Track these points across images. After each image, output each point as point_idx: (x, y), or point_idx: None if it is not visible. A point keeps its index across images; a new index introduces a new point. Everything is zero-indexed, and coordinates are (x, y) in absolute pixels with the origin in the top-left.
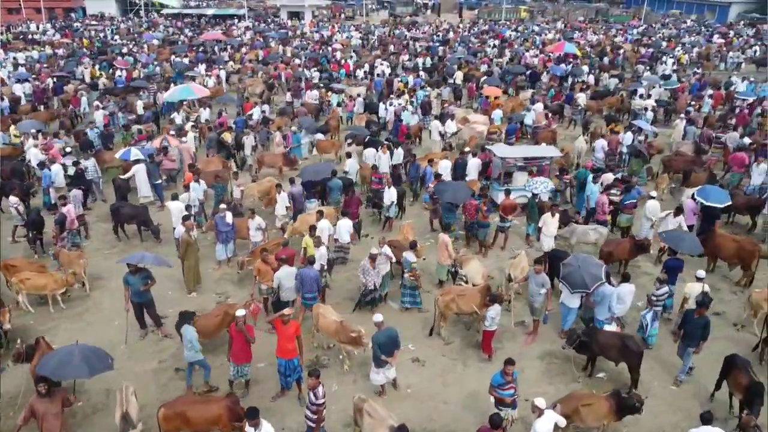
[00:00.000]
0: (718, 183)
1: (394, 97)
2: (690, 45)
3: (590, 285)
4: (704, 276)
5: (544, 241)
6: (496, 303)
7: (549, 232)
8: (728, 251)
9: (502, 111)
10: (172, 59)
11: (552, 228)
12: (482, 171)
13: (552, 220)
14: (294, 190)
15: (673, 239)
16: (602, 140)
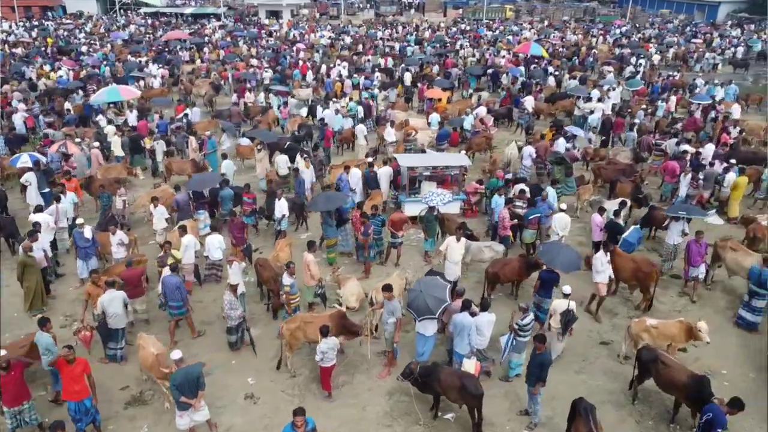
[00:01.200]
0: (643, 195)
1: (331, 100)
2: (667, 45)
3: (435, 310)
4: (570, 292)
5: (449, 269)
6: (329, 336)
7: (453, 259)
8: (625, 272)
9: (450, 114)
10: (128, 58)
11: (456, 254)
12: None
13: (456, 246)
14: (179, 197)
15: (547, 254)
16: (529, 147)
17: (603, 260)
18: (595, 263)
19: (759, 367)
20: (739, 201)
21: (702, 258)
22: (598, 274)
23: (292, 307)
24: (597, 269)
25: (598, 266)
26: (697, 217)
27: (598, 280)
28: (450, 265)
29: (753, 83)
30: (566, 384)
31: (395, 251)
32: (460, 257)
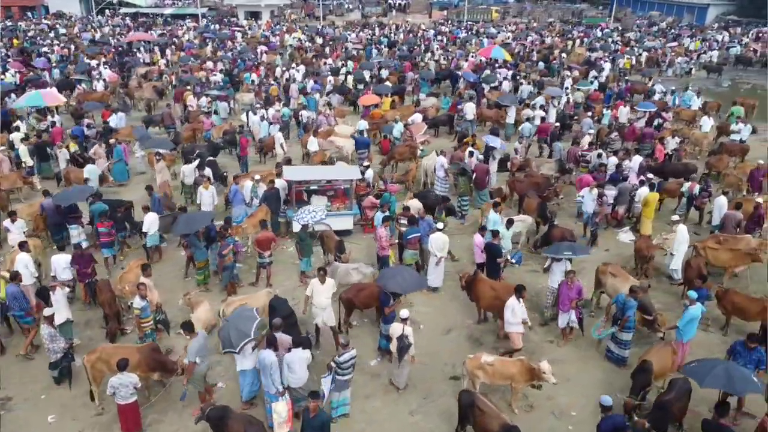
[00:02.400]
0: (549, 210)
1: (259, 106)
2: (643, 49)
3: (236, 344)
4: (407, 316)
5: (316, 315)
6: (123, 370)
7: (319, 304)
8: (485, 300)
9: (389, 120)
10: (82, 60)
11: (322, 299)
12: None
13: (322, 289)
14: (45, 203)
15: (384, 278)
16: (441, 157)
17: (516, 307)
18: (506, 312)
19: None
20: (650, 218)
21: (570, 303)
22: (511, 325)
23: (144, 331)
24: (509, 319)
25: (509, 316)
26: (580, 257)
27: (512, 330)
28: (317, 311)
29: (729, 88)
30: (395, 426)
31: (265, 271)
32: (327, 301)
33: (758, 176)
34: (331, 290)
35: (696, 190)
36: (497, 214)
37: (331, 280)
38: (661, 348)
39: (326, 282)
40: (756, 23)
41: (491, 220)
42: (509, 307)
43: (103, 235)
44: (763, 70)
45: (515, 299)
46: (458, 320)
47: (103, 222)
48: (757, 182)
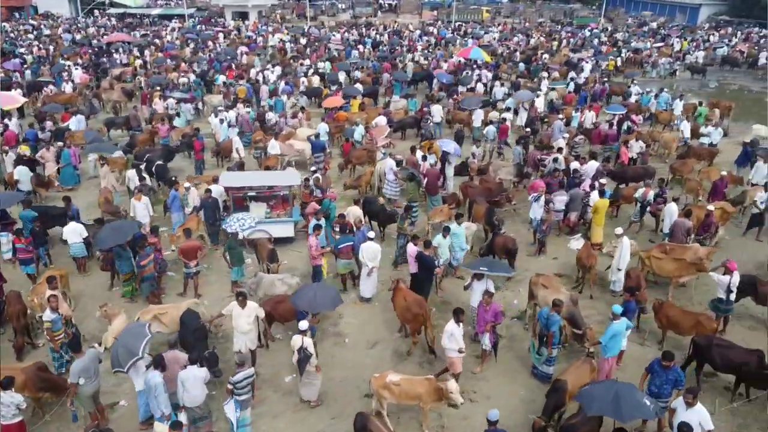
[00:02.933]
0: (496, 217)
1: (221, 108)
2: (628, 50)
3: (124, 363)
4: (306, 328)
5: (237, 340)
6: (6, 389)
7: (240, 328)
8: (397, 310)
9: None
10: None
11: (243, 323)
12: None
13: (243, 313)
14: None
15: (296, 295)
16: (390, 160)
17: (455, 332)
18: (444, 337)
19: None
20: (601, 225)
21: (485, 325)
22: (450, 350)
23: (58, 344)
24: (446, 343)
25: (447, 341)
26: (500, 274)
27: (452, 355)
28: (238, 335)
29: (715, 90)
30: None
31: (192, 282)
32: (249, 326)
33: (722, 187)
34: (252, 314)
35: (650, 196)
36: (460, 227)
37: (253, 304)
38: (579, 366)
39: (247, 306)
40: (747, 23)
41: (453, 233)
42: (447, 332)
43: (20, 252)
44: (749, 71)
45: (454, 323)
46: (386, 333)
47: (20, 238)
48: (721, 194)
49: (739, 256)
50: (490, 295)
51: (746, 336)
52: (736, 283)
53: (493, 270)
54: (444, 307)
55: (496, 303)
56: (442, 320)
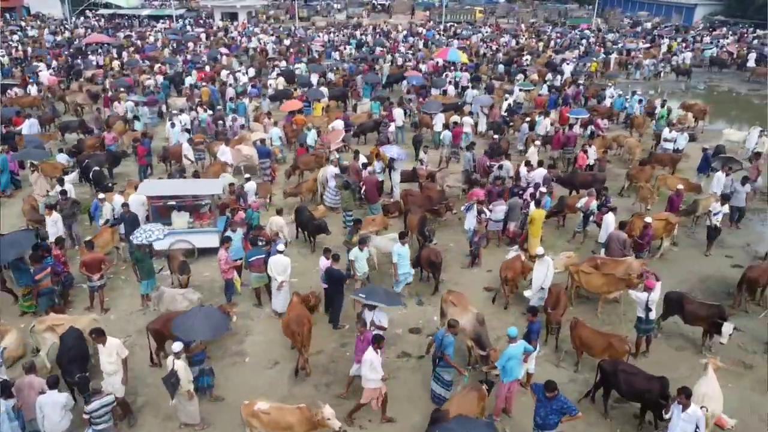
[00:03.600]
0: (428, 228)
1: (176, 111)
2: (616, 51)
3: None
4: (179, 350)
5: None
6: None
7: (104, 369)
8: (284, 330)
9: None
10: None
11: (106, 363)
12: None
13: (104, 350)
14: None
15: (180, 325)
16: (331, 167)
17: (374, 361)
18: (364, 367)
19: None
20: (537, 237)
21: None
22: (369, 380)
23: None
24: (366, 373)
25: (367, 371)
26: (390, 306)
27: (369, 385)
28: (105, 378)
29: (698, 92)
30: None
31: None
32: (113, 367)
33: (677, 202)
34: (113, 352)
35: (593, 205)
36: (403, 247)
37: (115, 341)
38: (465, 394)
39: (108, 343)
40: (743, 24)
41: (395, 252)
42: (366, 362)
43: None
44: (738, 73)
45: (372, 351)
46: (291, 352)
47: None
48: (676, 209)
49: (685, 269)
50: (363, 324)
51: (672, 357)
52: (655, 301)
53: (374, 299)
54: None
55: (369, 332)
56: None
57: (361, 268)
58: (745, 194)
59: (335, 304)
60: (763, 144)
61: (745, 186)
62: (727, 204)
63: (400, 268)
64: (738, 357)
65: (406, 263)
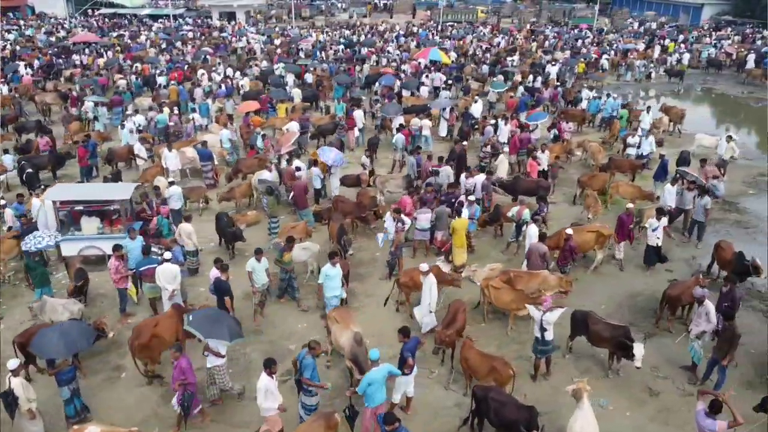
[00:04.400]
0: (345, 238)
1: (132, 112)
2: (613, 52)
3: None
4: (15, 366)
5: None
6: None
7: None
8: None
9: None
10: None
11: None
12: None
13: None
14: None
15: (38, 337)
16: (265, 172)
17: (270, 386)
18: (259, 395)
19: None
20: (462, 247)
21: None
22: (266, 410)
23: None
24: (261, 402)
25: (261, 400)
26: (219, 340)
27: (269, 414)
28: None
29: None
30: None
31: None
32: None
33: (627, 222)
34: None
35: (525, 214)
36: (334, 268)
37: None
38: (312, 422)
39: None
40: (750, 24)
41: (323, 273)
42: (261, 390)
43: None
44: (734, 75)
45: (266, 377)
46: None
47: None
48: (626, 229)
49: (617, 283)
50: (178, 349)
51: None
52: (551, 321)
53: (203, 331)
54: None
55: (184, 358)
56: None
57: (259, 280)
58: (703, 208)
59: None
60: (731, 150)
61: (703, 199)
62: (665, 218)
63: (326, 290)
64: (646, 381)
65: (334, 285)
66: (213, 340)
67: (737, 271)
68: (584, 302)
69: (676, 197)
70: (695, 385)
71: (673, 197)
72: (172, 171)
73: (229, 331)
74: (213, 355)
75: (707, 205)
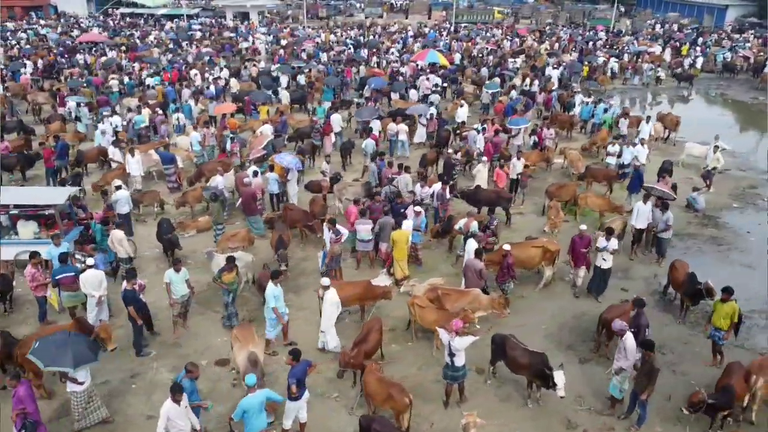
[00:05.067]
0: (280, 252)
1: (108, 113)
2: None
3: None
4: None
5: None
6: None
7: None
8: None
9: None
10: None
11: None
12: None
13: None
14: None
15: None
16: (219, 177)
17: (170, 411)
18: (160, 424)
19: None
20: (402, 259)
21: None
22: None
23: None
24: (160, 428)
25: (162, 425)
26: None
27: None
28: None
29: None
30: None
31: None
32: None
33: (580, 246)
34: None
35: (473, 226)
36: (276, 287)
37: None
38: None
39: None
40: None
41: (269, 295)
42: (163, 416)
43: None
44: (749, 80)
45: (170, 402)
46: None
47: None
48: (580, 255)
49: (564, 302)
50: (15, 376)
51: (493, 408)
52: (460, 347)
53: (44, 358)
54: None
55: (22, 386)
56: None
57: (178, 292)
58: (665, 223)
59: (134, 329)
60: (716, 160)
61: (665, 214)
62: (615, 239)
63: (267, 313)
64: (566, 413)
65: (280, 303)
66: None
67: (689, 293)
68: (527, 321)
69: (648, 215)
70: (619, 419)
71: (645, 216)
72: (134, 176)
73: (74, 358)
74: (69, 381)
75: (669, 220)
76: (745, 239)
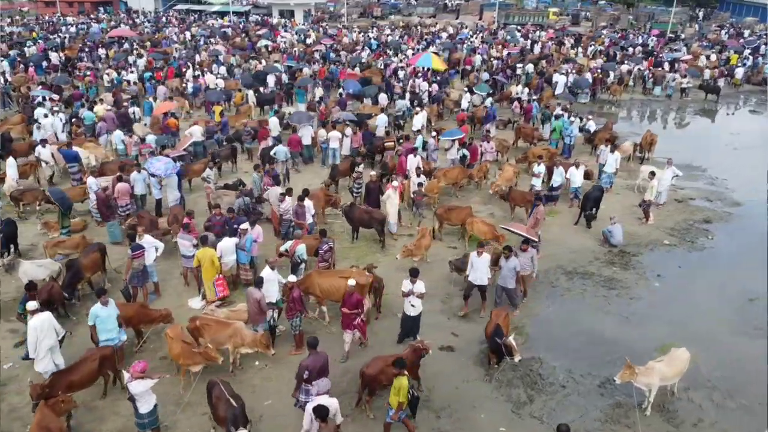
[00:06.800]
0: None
1: (58, 107)
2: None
3: None
4: None
5: None
6: None
7: None
8: None
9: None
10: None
11: None
12: None
13: None
14: None
15: None
16: (91, 179)
17: None
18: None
19: None
20: (210, 280)
21: None
22: None
23: None
24: None
25: None
26: None
27: None
28: None
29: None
30: None
31: None
32: None
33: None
34: None
35: (299, 250)
36: (105, 308)
37: None
38: None
39: None
40: None
41: (93, 314)
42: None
43: None
44: None
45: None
46: None
47: None
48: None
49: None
50: None
51: None
52: (136, 390)
53: None
54: None
55: None
56: None
57: None
58: (513, 271)
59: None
60: (651, 189)
61: (510, 261)
62: (421, 282)
63: (100, 334)
64: None
65: (108, 327)
66: None
67: (491, 347)
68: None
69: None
70: None
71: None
72: (45, 166)
73: None
74: None
75: (516, 267)
76: (648, 285)
